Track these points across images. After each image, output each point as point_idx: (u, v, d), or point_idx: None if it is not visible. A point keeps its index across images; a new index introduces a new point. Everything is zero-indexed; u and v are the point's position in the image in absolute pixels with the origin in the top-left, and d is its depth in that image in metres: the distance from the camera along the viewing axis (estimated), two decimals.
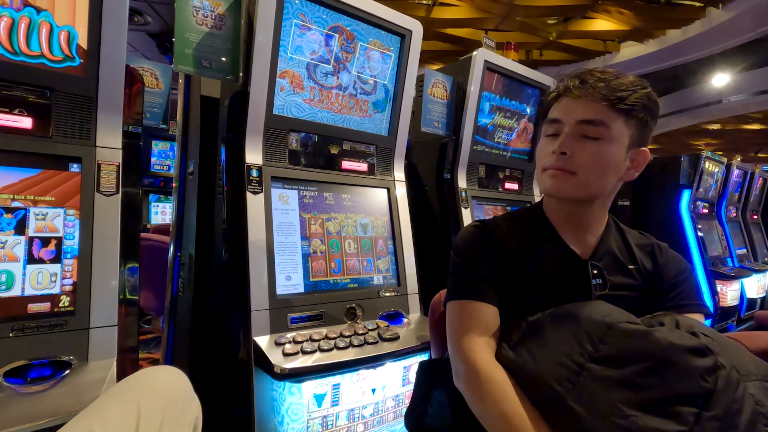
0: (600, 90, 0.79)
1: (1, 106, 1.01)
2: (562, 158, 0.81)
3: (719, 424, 0.58)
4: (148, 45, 5.80)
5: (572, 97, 0.82)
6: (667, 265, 0.90)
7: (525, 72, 2.19)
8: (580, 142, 0.81)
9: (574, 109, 0.82)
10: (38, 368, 0.93)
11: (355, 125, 1.63)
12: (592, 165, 0.81)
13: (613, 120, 0.80)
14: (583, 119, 0.81)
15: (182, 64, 1.28)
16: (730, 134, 10.84)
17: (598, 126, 0.80)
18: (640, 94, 0.80)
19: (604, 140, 0.80)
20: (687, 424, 0.58)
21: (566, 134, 0.82)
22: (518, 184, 2.35)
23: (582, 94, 0.81)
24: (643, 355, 0.64)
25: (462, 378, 0.78)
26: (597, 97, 0.79)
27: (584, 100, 0.81)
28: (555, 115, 0.85)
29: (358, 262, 1.55)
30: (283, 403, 1.19)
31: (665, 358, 0.63)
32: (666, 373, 0.62)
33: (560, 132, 0.83)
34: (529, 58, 6.91)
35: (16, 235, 0.99)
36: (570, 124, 0.82)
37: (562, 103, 0.85)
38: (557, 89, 0.86)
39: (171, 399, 0.74)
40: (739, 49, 5.91)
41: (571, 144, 0.81)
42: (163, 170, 3.94)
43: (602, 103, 0.79)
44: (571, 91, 0.82)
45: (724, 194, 3.70)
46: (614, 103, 0.79)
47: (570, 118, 0.82)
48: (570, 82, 0.82)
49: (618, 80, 0.80)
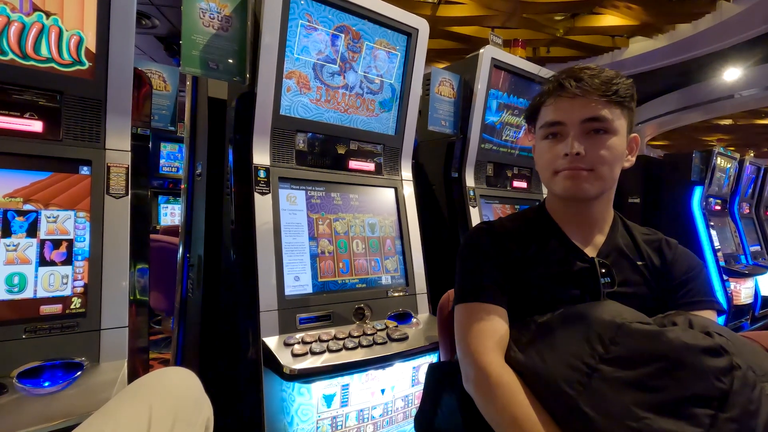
0: (597, 86, 0.80)
1: (12, 109, 1.02)
2: (577, 158, 0.81)
3: (736, 426, 0.57)
4: (156, 48, 5.85)
5: (569, 97, 0.82)
6: (676, 261, 0.88)
7: (533, 69, 2.16)
8: (589, 139, 0.82)
9: (574, 109, 0.82)
10: (51, 370, 0.93)
11: (361, 125, 1.63)
12: (605, 159, 0.82)
13: (613, 113, 0.81)
14: (588, 117, 0.81)
15: (189, 66, 1.29)
16: (742, 129, 10.67)
17: (603, 121, 0.81)
18: (627, 84, 0.82)
19: (610, 133, 0.82)
20: (702, 426, 0.57)
21: (575, 135, 0.82)
22: (526, 182, 2.34)
23: (580, 92, 0.80)
24: (655, 356, 0.63)
25: (472, 381, 0.77)
26: (595, 93, 0.80)
27: (583, 98, 0.81)
28: (554, 117, 0.84)
29: (366, 262, 1.54)
30: (293, 403, 1.19)
31: (679, 358, 0.61)
32: (680, 374, 0.61)
33: (563, 133, 0.83)
34: (536, 55, 6.86)
35: (28, 238, 1.01)
36: (575, 124, 0.82)
37: (558, 104, 0.84)
38: (547, 90, 0.86)
39: (182, 400, 0.75)
40: (751, 43, 5.81)
41: (583, 143, 0.81)
42: (171, 172, 3.97)
43: (601, 99, 0.80)
44: (568, 91, 0.81)
45: (736, 190, 3.64)
46: (611, 97, 0.80)
47: (573, 118, 0.82)
48: (566, 82, 0.82)
49: (605, 74, 0.82)
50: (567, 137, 0.82)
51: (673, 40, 6.07)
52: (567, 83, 0.81)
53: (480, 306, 0.83)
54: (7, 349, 0.93)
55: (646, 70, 6.75)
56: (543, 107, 0.88)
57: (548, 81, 0.87)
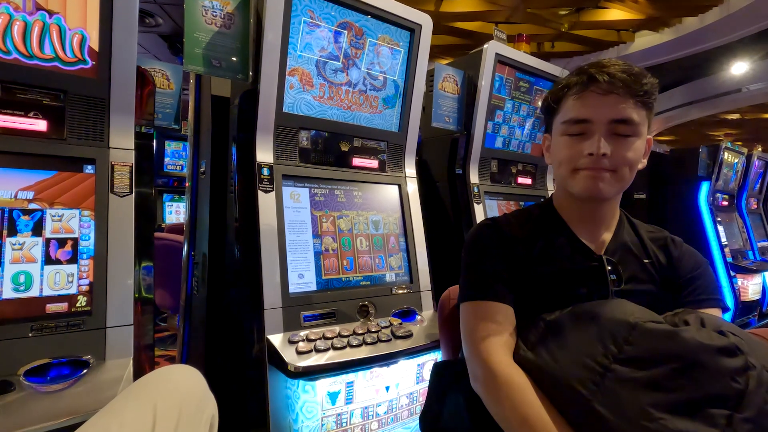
0: (628, 83, 0.77)
1: (17, 109, 1.03)
2: (602, 158, 0.78)
3: (752, 426, 0.56)
4: (160, 46, 5.86)
5: (598, 93, 0.78)
6: (682, 259, 0.88)
7: (537, 64, 2.15)
8: (615, 139, 0.79)
9: (604, 107, 0.78)
10: (57, 367, 0.94)
11: (365, 122, 1.62)
12: (629, 161, 0.80)
13: (639, 115, 0.79)
14: (618, 119, 0.78)
15: (192, 64, 1.29)
16: (750, 124, 10.54)
17: (631, 124, 0.78)
18: (654, 84, 0.79)
19: (635, 136, 0.79)
20: (718, 427, 0.57)
21: (603, 134, 0.78)
22: (531, 178, 2.32)
23: (612, 89, 0.77)
24: (671, 356, 0.62)
25: (480, 381, 0.76)
26: (626, 92, 0.77)
27: (613, 96, 0.77)
28: (582, 114, 0.80)
29: (370, 260, 1.54)
30: (298, 400, 1.20)
31: (694, 359, 0.61)
32: (696, 375, 0.60)
33: (587, 131, 0.80)
34: (541, 50, 6.80)
35: (33, 237, 1.01)
36: (602, 123, 0.78)
37: (586, 100, 0.79)
38: (577, 82, 0.81)
39: (187, 398, 0.75)
40: (758, 36, 5.73)
41: (609, 143, 0.78)
42: (176, 170, 3.99)
43: (631, 99, 0.77)
44: (600, 86, 0.77)
45: (744, 186, 3.61)
46: (641, 97, 0.78)
47: (602, 116, 0.78)
48: (599, 76, 0.77)
49: (635, 71, 0.78)
50: (592, 135, 0.79)
51: (679, 34, 5.99)
52: (600, 77, 0.77)
53: (486, 304, 0.82)
54: (13, 347, 0.93)
55: (652, 64, 6.67)
56: (567, 100, 0.83)
57: (574, 73, 0.82)
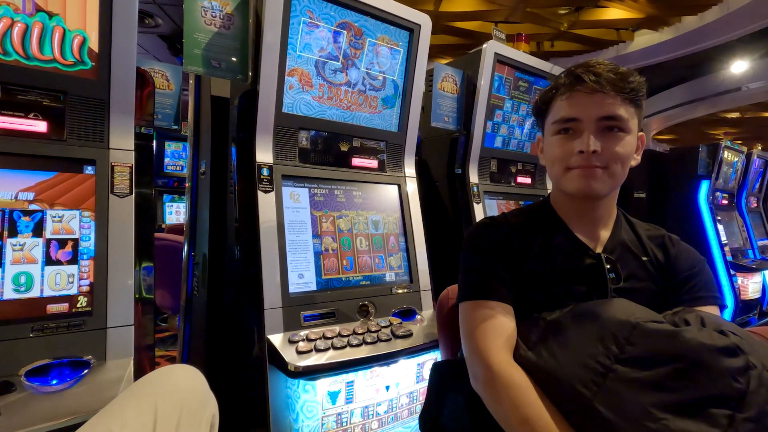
0: (614, 82, 0.78)
1: (17, 110, 1.03)
2: (593, 155, 0.80)
3: (753, 426, 0.57)
4: (160, 47, 5.86)
5: (585, 92, 0.80)
6: (679, 256, 0.88)
7: (537, 64, 2.15)
8: (604, 136, 0.80)
9: (592, 105, 0.80)
10: (58, 368, 0.94)
11: (364, 122, 1.62)
12: (619, 157, 0.80)
13: (628, 111, 0.80)
14: (605, 115, 0.79)
15: (192, 65, 1.29)
16: (749, 122, 10.54)
17: (619, 120, 0.79)
18: (641, 82, 0.81)
19: (624, 132, 0.81)
20: (720, 427, 0.57)
21: (592, 132, 0.80)
22: (531, 177, 2.32)
23: (598, 88, 0.78)
24: (672, 356, 0.62)
25: (480, 381, 0.76)
26: (613, 90, 0.78)
27: (600, 94, 0.79)
28: (570, 113, 0.82)
29: (370, 259, 1.55)
30: (298, 400, 1.20)
31: (696, 359, 0.61)
32: (697, 375, 0.60)
33: (577, 129, 0.82)
34: (540, 49, 6.80)
35: (34, 237, 1.01)
36: (591, 121, 0.80)
37: (574, 99, 0.81)
38: (564, 83, 0.83)
39: (187, 397, 0.75)
40: (758, 35, 5.73)
41: (599, 140, 0.80)
42: (176, 170, 3.99)
43: (617, 96, 0.79)
44: (586, 85, 0.79)
45: (744, 184, 3.61)
46: (628, 94, 0.79)
47: (590, 114, 0.80)
48: (585, 76, 0.79)
49: (621, 70, 0.80)
50: (581, 133, 0.81)
51: (678, 33, 5.99)
52: (586, 77, 0.79)
53: (486, 303, 0.82)
54: (14, 348, 0.94)
55: (652, 63, 6.67)
56: (556, 101, 0.85)
57: (562, 75, 0.84)
